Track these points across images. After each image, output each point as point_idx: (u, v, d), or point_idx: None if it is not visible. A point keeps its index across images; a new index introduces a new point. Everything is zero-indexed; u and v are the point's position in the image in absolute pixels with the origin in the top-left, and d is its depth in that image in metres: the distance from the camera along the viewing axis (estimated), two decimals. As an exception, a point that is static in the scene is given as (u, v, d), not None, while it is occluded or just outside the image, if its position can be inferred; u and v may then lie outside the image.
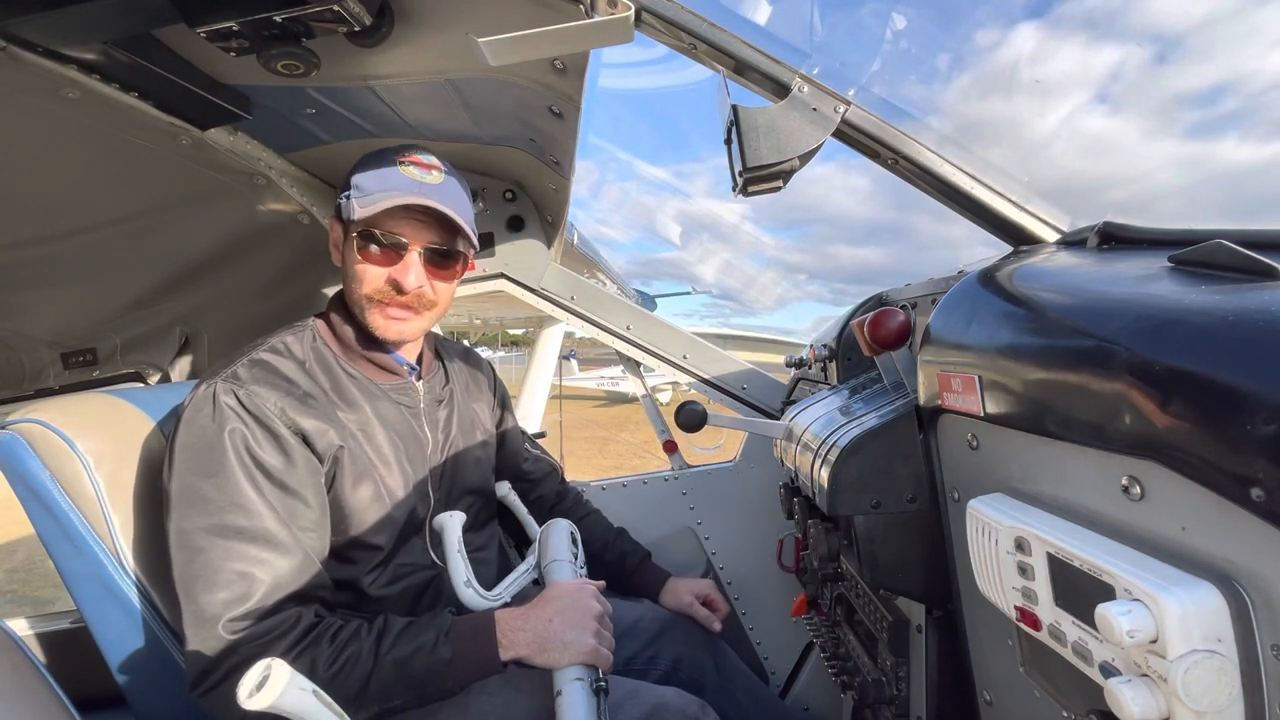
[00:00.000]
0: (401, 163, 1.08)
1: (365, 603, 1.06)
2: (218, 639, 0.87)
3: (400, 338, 1.13)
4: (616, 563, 1.48)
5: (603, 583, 1.13)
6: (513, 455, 1.49)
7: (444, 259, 1.12)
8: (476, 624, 0.98)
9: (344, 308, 1.15)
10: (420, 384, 1.22)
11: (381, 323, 1.11)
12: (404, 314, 1.11)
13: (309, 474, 1.00)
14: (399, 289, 1.08)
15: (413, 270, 1.08)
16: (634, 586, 1.47)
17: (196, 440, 0.95)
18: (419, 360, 1.25)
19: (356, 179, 1.09)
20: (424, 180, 1.07)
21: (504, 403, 1.50)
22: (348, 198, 1.08)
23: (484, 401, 1.41)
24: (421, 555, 1.14)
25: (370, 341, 1.14)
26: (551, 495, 1.57)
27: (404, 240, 1.08)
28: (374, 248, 1.08)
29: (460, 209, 1.10)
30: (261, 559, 0.91)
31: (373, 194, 1.06)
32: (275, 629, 0.89)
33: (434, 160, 1.11)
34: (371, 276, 1.09)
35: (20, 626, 1.55)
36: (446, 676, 0.93)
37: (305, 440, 1.00)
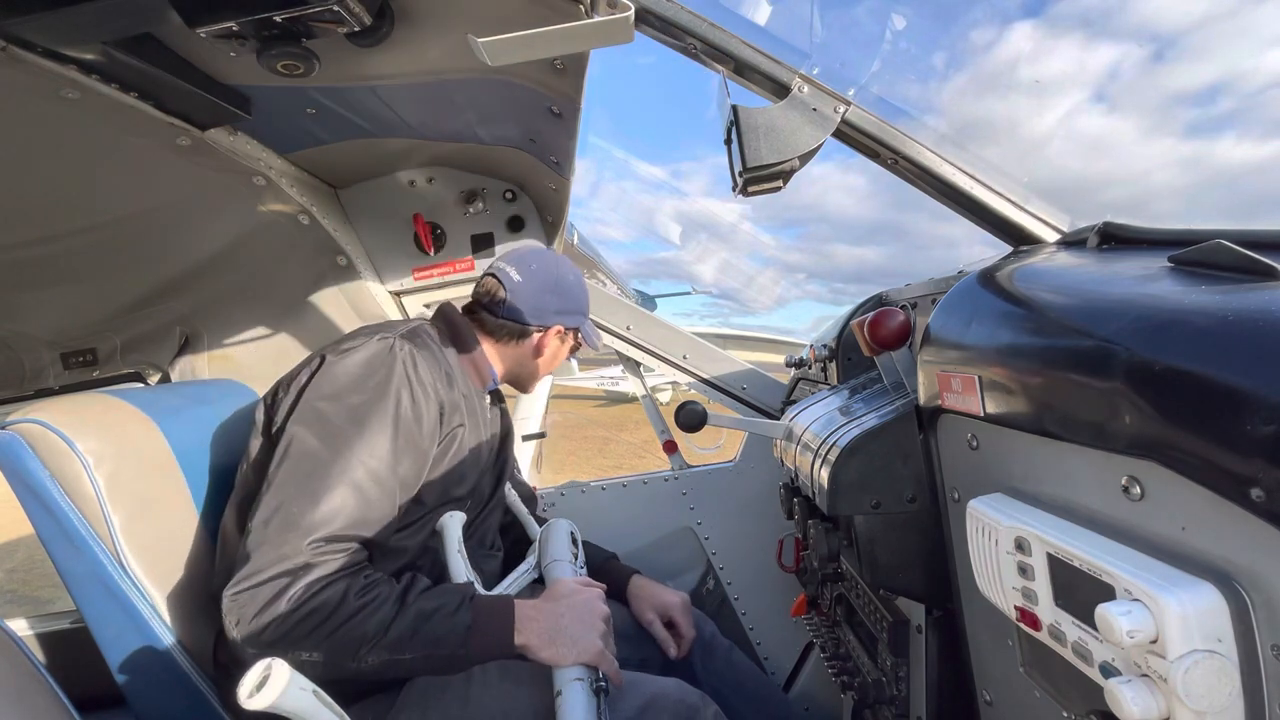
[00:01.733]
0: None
1: (402, 568, 1.07)
2: (292, 546, 0.91)
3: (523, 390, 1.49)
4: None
5: (604, 586, 1.13)
6: (512, 478, 1.57)
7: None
8: (496, 603, 1.00)
9: (452, 321, 1.32)
10: (486, 396, 1.35)
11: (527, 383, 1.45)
12: None
13: (430, 442, 1.09)
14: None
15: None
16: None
17: (366, 377, 1.04)
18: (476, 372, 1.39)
19: (570, 296, 1.40)
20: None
21: (508, 434, 1.56)
22: (564, 318, 1.38)
23: (504, 420, 1.51)
24: (456, 560, 1.17)
25: (471, 350, 1.31)
26: (527, 492, 1.62)
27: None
28: (566, 345, 1.44)
29: None
30: (363, 489, 0.97)
31: (580, 316, 1.41)
32: (334, 553, 0.93)
33: None
34: (557, 360, 1.44)
35: (20, 626, 1.55)
36: (460, 643, 0.94)
37: (442, 411, 1.12)
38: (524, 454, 2.19)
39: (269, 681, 0.68)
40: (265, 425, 1.11)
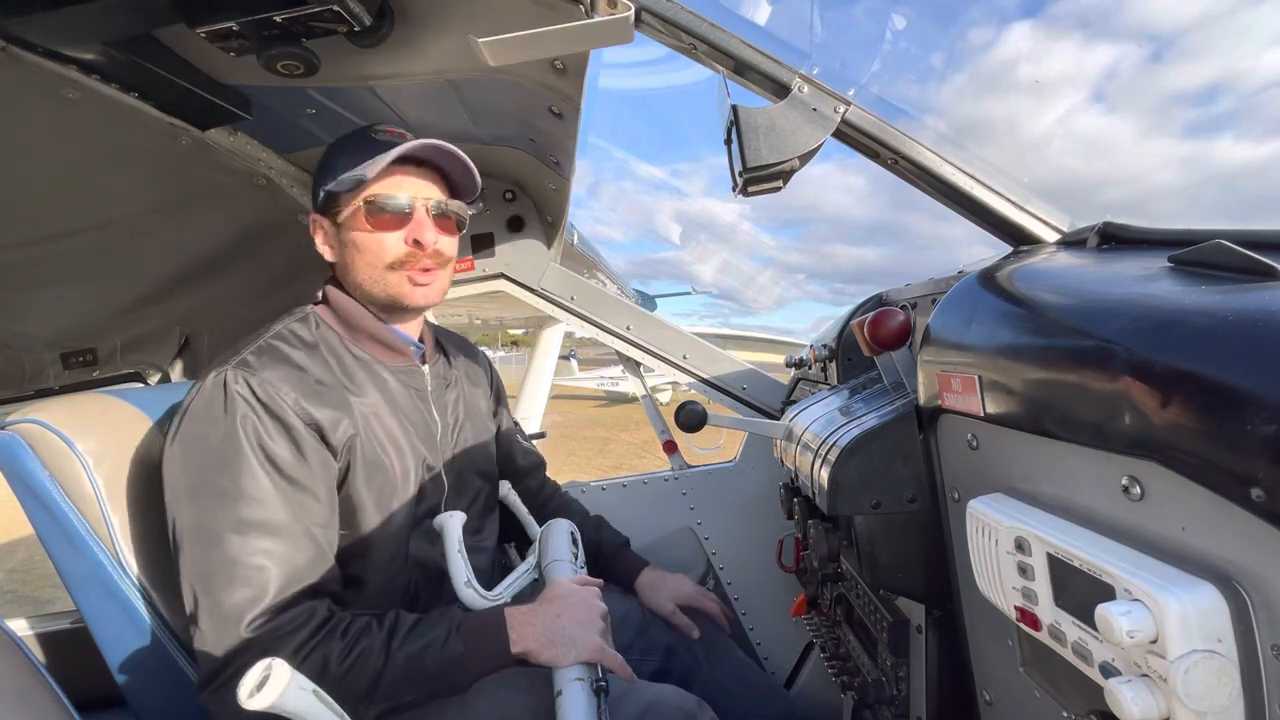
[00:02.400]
0: (376, 132, 1.10)
1: (375, 596, 1.05)
2: (236, 637, 0.86)
3: (428, 301, 1.13)
4: (591, 551, 1.45)
5: (601, 581, 1.13)
6: (507, 444, 1.48)
7: (446, 214, 1.13)
8: (486, 619, 0.99)
9: (340, 291, 1.14)
10: (426, 367, 1.22)
11: (410, 290, 1.10)
12: (428, 276, 1.11)
13: (321, 469, 0.98)
14: (420, 245, 1.08)
15: (426, 226, 1.09)
16: (608, 575, 1.44)
17: (208, 431, 0.93)
18: (422, 340, 1.24)
19: (337, 161, 1.09)
20: (408, 138, 1.08)
21: (499, 395, 1.50)
22: (333, 183, 1.07)
23: (482, 391, 1.41)
24: (434, 544, 1.13)
25: (374, 319, 1.13)
26: (535, 487, 1.56)
27: (412, 198, 1.08)
28: (384, 214, 1.07)
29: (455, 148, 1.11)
30: (277, 553, 0.90)
31: (367, 162, 1.04)
32: (290, 624, 0.88)
33: (402, 129, 1.12)
34: (391, 243, 1.08)
35: (20, 626, 1.55)
36: (457, 671, 0.93)
37: (319, 432, 0.98)
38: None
39: (269, 681, 0.68)
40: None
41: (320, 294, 1.17)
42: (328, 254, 1.14)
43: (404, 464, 1.09)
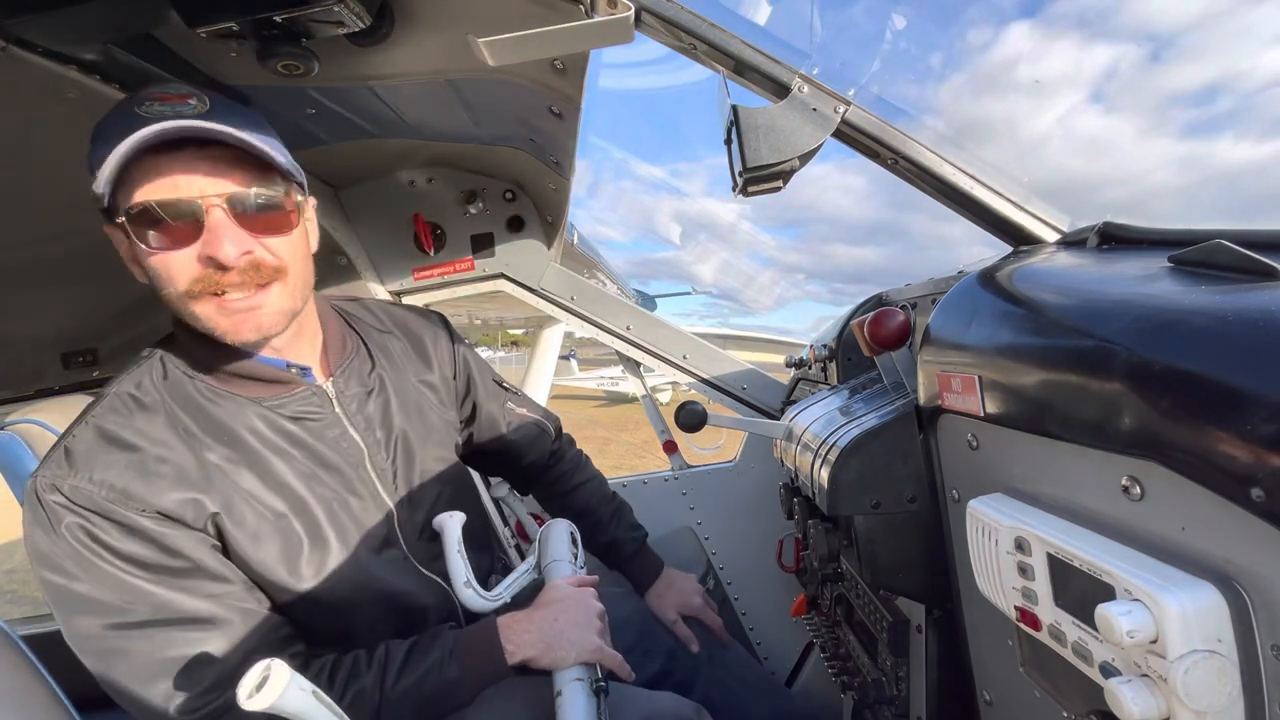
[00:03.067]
0: (140, 104, 0.80)
1: (355, 641, 0.96)
2: None
3: (263, 333, 0.87)
4: (605, 548, 1.43)
5: (596, 578, 1.12)
6: (490, 422, 1.30)
7: (264, 209, 0.84)
8: (480, 635, 0.98)
9: (185, 324, 0.89)
10: (329, 383, 1.00)
11: (227, 324, 0.84)
12: (246, 297, 0.84)
13: (197, 547, 0.83)
14: (220, 266, 0.81)
15: (225, 234, 0.80)
16: (624, 573, 1.44)
17: (48, 550, 0.79)
18: (323, 350, 1.02)
19: (93, 150, 0.80)
20: (177, 111, 0.79)
21: (467, 362, 1.27)
22: (97, 182, 0.79)
23: (436, 370, 1.19)
24: (403, 570, 1.02)
25: (231, 352, 0.90)
26: (542, 460, 1.40)
27: (193, 199, 0.79)
28: (158, 227, 0.79)
29: (249, 131, 0.81)
30: (194, 638, 0.80)
31: (111, 154, 0.76)
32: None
33: (188, 89, 0.83)
34: (178, 266, 0.81)
35: (20, 627, 1.55)
36: (457, 693, 0.93)
37: (170, 518, 0.82)
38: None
39: (269, 682, 0.68)
40: None
41: (173, 323, 0.94)
42: (139, 276, 0.88)
43: (308, 516, 0.92)
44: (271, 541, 0.88)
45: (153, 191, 0.79)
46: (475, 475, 1.79)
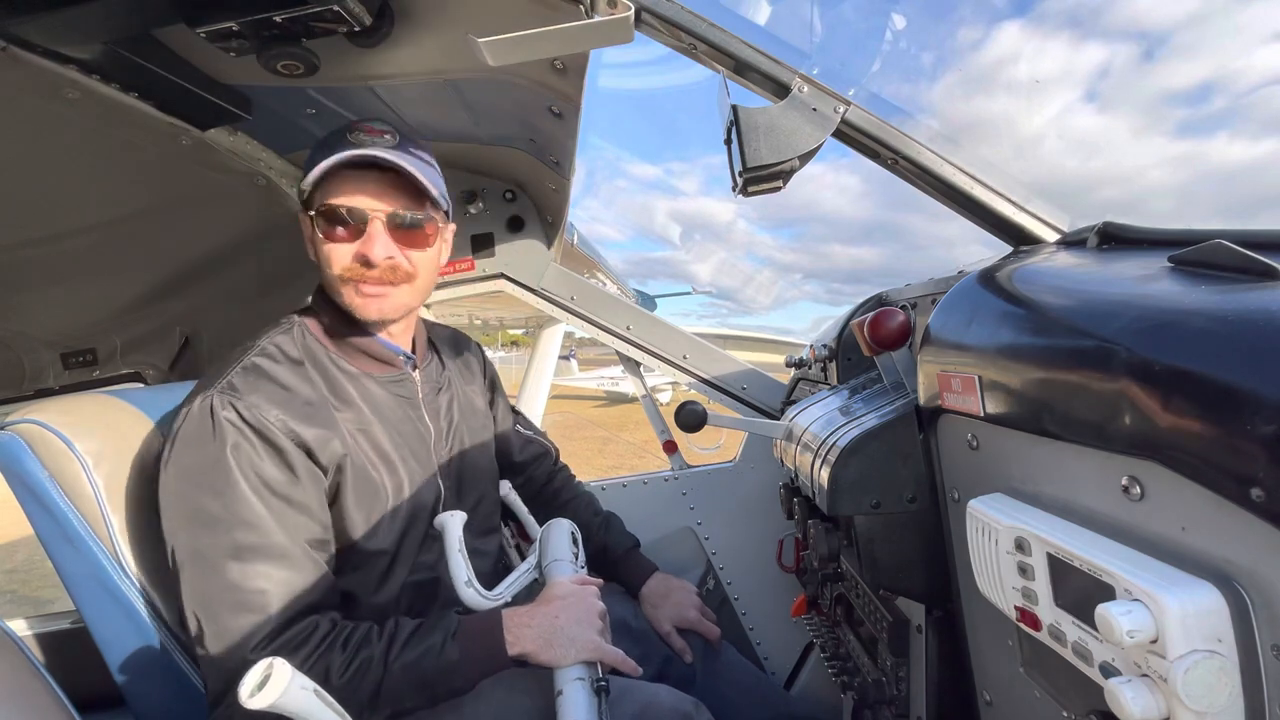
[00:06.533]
0: (351, 132, 1.05)
1: (374, 607, 1.05)
2: (241, 659, 0.86)
3: (382, 316, 1.08)
4: (598, 554, 1.45)
5: (600, 580, 1.13)
6: (504, 439, 1.45)
7: (412, 227, 1.06)
8: (482, 623, 1.00)
9: (327, 300, 1.11)
10: (417, 373, 1.19)
11: (359, 302, 1.05)
12: (379, 289, 1.06)
13: (313, 486, 0.98)
14: (367, 263, 1.03)
15: (378, 241, 1.03)
16: (615, 579, 1.44)
17: (198, 459, 0.92)
18: (414, 348, 1.21)
19: (315, 156, 1.04)
20: (375, 142, 1.03)
21: (494, 384, 1.47)
22: (305, 181, 1.04)
23: (476, 385, 1.39)
24: (431, 551, 1.13)
25: (360, 330, 1.10)
26: (542, 478, 1.54)
27: (364, 210, 1.03)
28: (335, 224, 1.03)
29: (417, 166, 1.04)
30: (277, 576, 0.91)
31: (319, 166, 1.01)
32: (293, 640, 0.89)
33: (386, 127, 1.07)
34: (339, 255, 1.04)
35: (20, 626, 1.55)
36: (455, 676, 0.94)
37: (309, 452, 0.97)
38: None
39: (270, 681, 0.68)
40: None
41: (310, 299, 1.15)
42: (310, 253, 1.10)
43: (395, 479, 1.08)
44: (365, 498, 1.03)
45: (340, 198, 1.03)
46: None
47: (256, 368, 1.00)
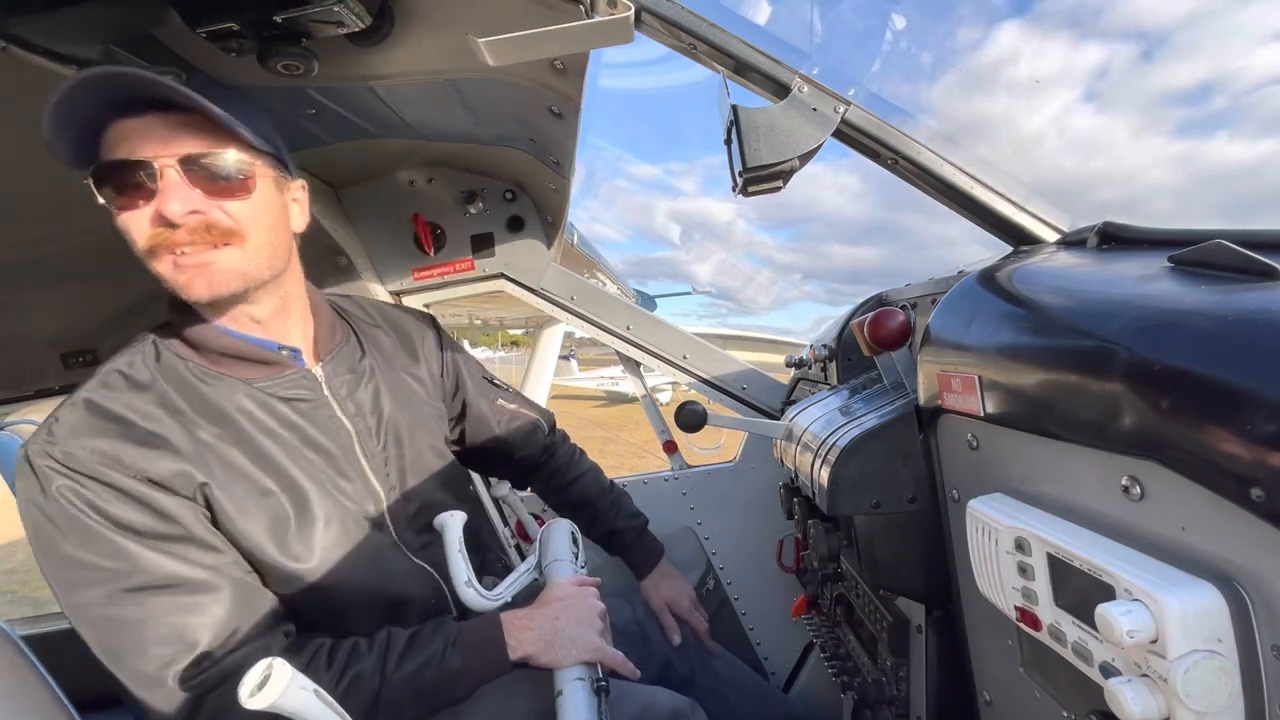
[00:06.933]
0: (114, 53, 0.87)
1: (348, 623, 0.96)
2: (172, 693, 0.79)
3: (213, 292, 0.86)
4: (605, 536, 1.45)
5: (598, 579, 1.13)
6: (481, 420, 1.31)
7: (220, 173, 0.85)
8: (483, 628, 0.98)
9: (177, 302, 0.92)
10: (319, 368, 1.02)
11: (181, 280, 0.85)
12: (197, 255, 0.85)
13: (187, 514, 0.84)
14: (169, 223, 0.82)
15: (173, 193, 0.82)
16: (625, 560, 1.47)
17: (40, 518, 0.80)
18: (314, 337, 1.04)
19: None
20: (146, 72, 0.80)
21: (455, 362, 1.29)
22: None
23: (423, 366, 1.21)
24: (391, 555, 1.02)
25: (216, 328, 0.93)
26: (536, 455, 1.42)
27: (148, 160, 0.82)
28: (121, 187, 0.83)
29: (218, 102, 0.83)
30: (189, 604, 0.81)
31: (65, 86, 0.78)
32: (244, 664, 0.77)
33: (169, 69, 0.84)
34: (138, 224, 0.83)
35: (20, 627, 1.55)
36: (457, 684, 0.93)
37: (160, 484, 0.83)
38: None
39: (269, 681, 0.68)
40: None
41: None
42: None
43: (296, 493, 0.93)
44: (259, 517, 0.89)
45: (113, 152, 0.83)
46: (475, 476, 1.80)
47: (88, 403, 0.85)
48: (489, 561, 1.27)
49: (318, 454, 0.97)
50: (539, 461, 1.44)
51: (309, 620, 0.94)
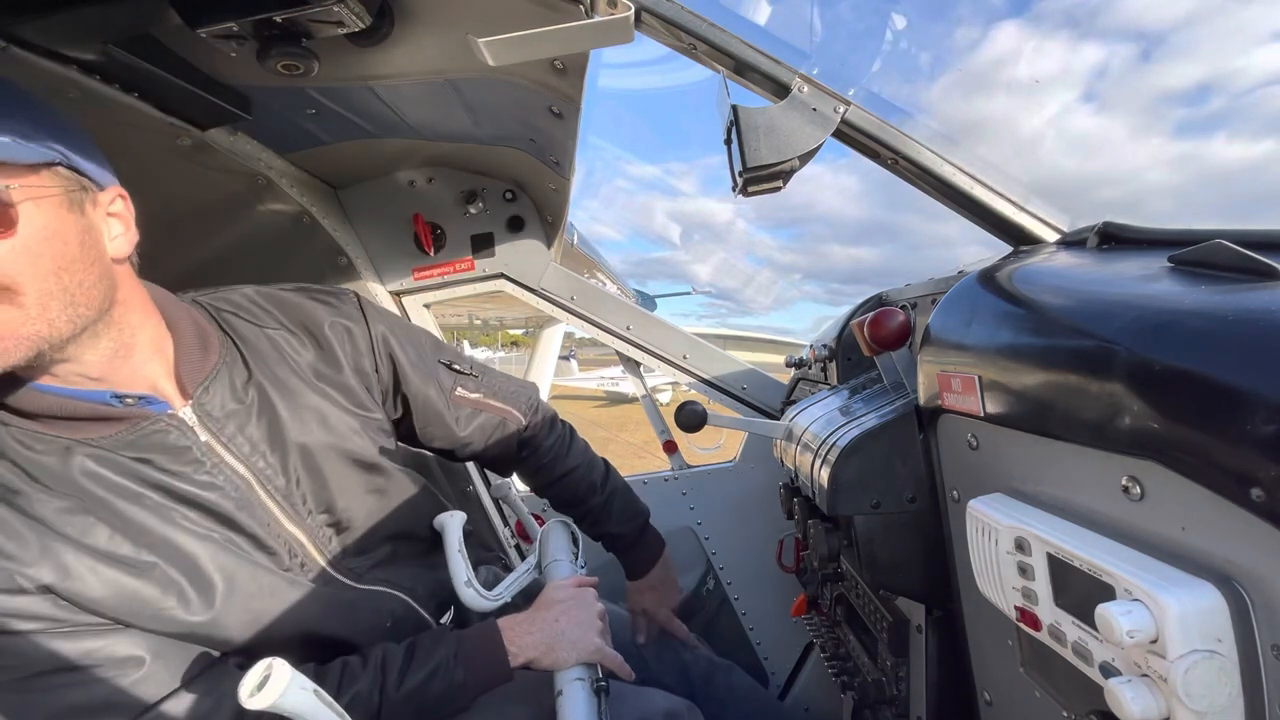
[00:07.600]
0: None
1: (312, 658, 0.90)
2: None
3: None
4: (598, 539, 1.37)
5: (596, 579, 1.12)
6: (432, 415, 1.12)
7: None
8: (484, 637, 0.97)
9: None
10: (188, 408, 0.82)
11: None
12: None
13: (47, 607, 0.70)
14: None
15: None
16: (622, 562, 1.39)
17: None
18: (175, 367, 0.83)
19: None
20: None
21: (389, 345, 1.06)
22: None
23: (345, 365, 1.00)
24: (329, 591, 0.92)
25: (27, 389, 0.73)
26: (510, 452, 1.25)
27: None
28: None
29: None
30: (106, 677, 0.71)
31: None
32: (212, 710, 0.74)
33: None
34: None
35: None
36: (461, 695, 0.92)
37: (23, 589, 0.69)
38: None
39: (269, 681, 0.68)
40: None
41: None
42: None
43: (180, 559, 0.78)
44: (140, 596, 0.74)
45: None
46: (473, 470, 1.80)
47: None
48: (489, 561, 1.26)
49: (200, 513, 0.81)
50: (518, 458, 1.27)
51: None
